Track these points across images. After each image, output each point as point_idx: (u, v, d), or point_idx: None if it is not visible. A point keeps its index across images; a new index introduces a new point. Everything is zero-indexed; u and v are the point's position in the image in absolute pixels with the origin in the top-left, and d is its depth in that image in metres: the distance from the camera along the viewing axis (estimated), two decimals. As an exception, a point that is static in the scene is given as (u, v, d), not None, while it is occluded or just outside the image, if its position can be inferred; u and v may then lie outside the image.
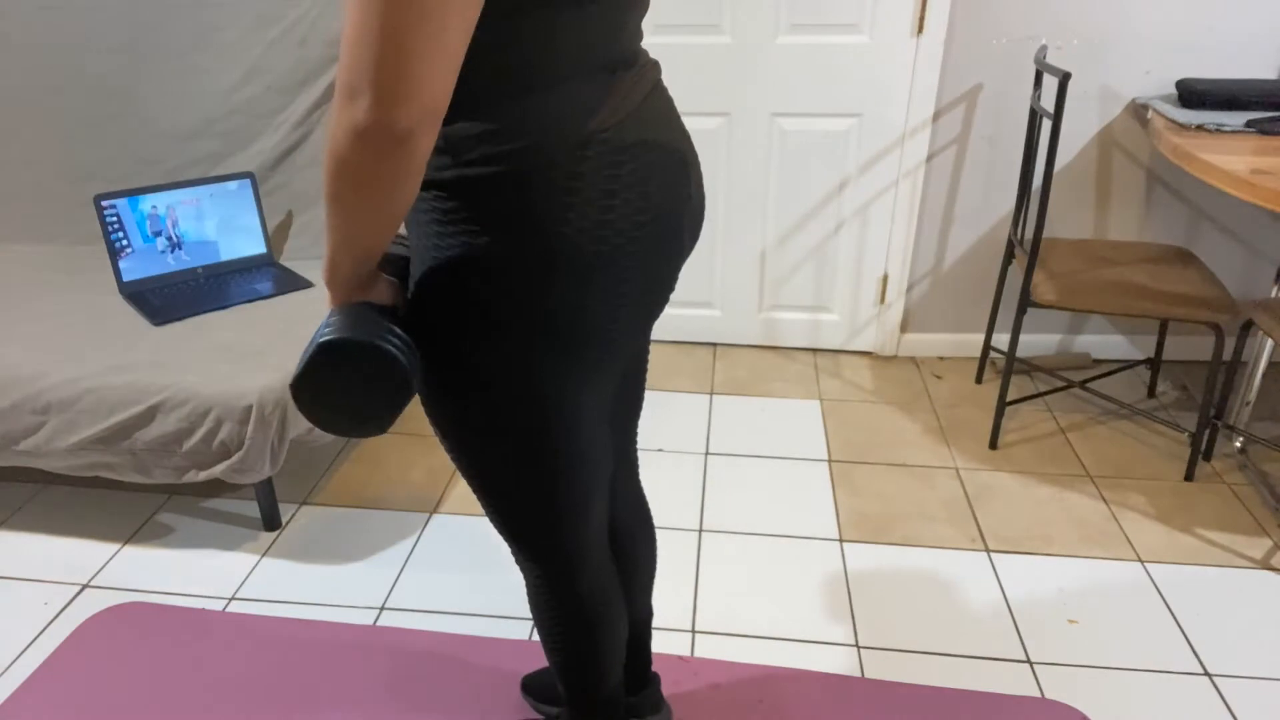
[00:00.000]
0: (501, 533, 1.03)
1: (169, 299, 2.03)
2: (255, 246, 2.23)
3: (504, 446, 0.91)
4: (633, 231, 0.85)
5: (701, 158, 2.46)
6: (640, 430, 2.30)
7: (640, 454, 2.19)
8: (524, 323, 0.83)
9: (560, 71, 0.78)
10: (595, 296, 0.84)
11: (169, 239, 2.12)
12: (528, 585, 1.10)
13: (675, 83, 2.37)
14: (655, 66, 0.94)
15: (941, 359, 2.65)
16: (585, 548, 1.05)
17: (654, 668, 1.56)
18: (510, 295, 0.82)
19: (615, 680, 1.18)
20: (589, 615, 1.10)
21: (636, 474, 1.26)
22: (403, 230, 1.04)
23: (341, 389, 0.80)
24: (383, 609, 1.72)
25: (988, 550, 1.86)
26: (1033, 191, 2.21)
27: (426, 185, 0.81)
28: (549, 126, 0.78)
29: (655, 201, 0.87)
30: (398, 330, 0.81)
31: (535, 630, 1.66)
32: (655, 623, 1.67)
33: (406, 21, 0.63)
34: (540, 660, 1.59)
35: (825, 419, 2.34)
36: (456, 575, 1.80)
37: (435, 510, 2.00)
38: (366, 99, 0.64)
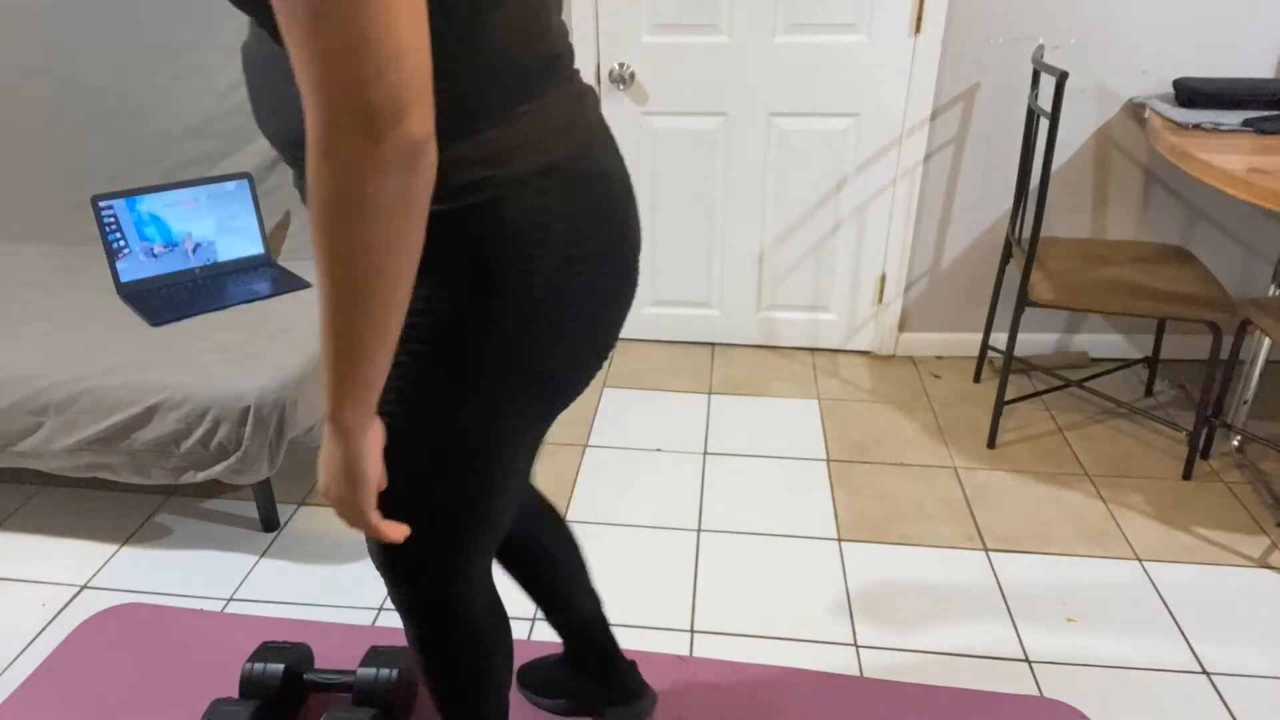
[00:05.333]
0: (398, 565, 0.95)
1: (167, 299, 2.03)
2: (253, 247, 2.23)
3: (427, 478, 0.86)
4: (592, 272, 0.80)
5: (699, 157, 2.46)
6: (639, 430, 2.30)
7: (639, 454, 2.20)
8: (490, 363, 0.79)
9: (514, 88, 0.72)
10: (554, 335, 0.80)
11: (166, 240, 2.12)
12: (413, 628, 1.02)
13: (673, 83, 2.37)
14: (593, 91, 0.88)
15: (939, 358, 2.65)
16: (476, 581, 1.00)
17: (652, 667, 1.56)
18: (473, 333, 0.77)
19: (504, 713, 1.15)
20: (478, 650, 1.05)
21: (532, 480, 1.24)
22: None
23: None
24: (381, 609, 1.72)
25: (986, 549, 1.86)
26: (1030, 190, 2.21)
27: None
28: (508, 154, 0.73)
29: (616, 241, 0.82)
30: None
31: (534, 627, 1.66)
32: (654, 622, 1.68)
33: (378, 15, 0.54)
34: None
35: (823, 418, 2.34)
36: (455, 575, 1.80)
37: (434, 510, 2.00)
38: (371, 118, 0.55)
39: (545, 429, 0.91)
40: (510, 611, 1.70)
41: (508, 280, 0.76)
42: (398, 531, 0.79)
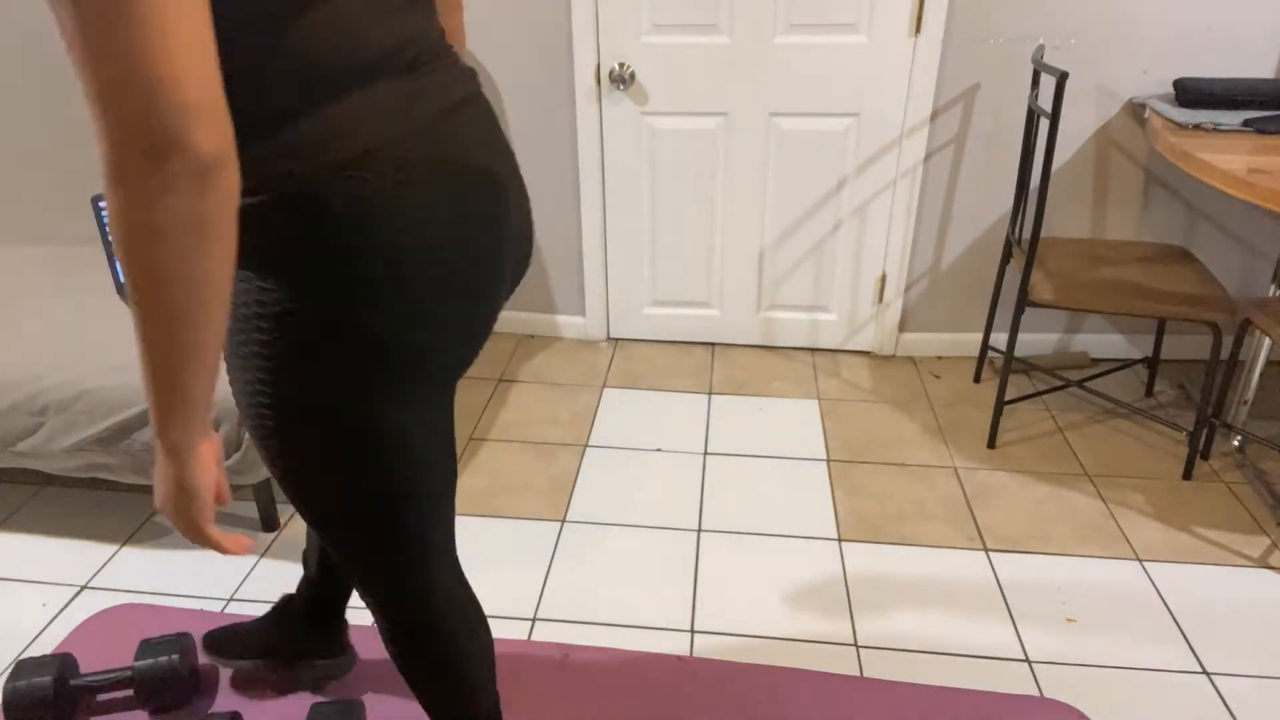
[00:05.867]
0: (351, 566, 0.98)
1: (167, 300, 2.03)
2: (253, 247, 2.23)
3: (336, 480, 0.88)
4: (426, 256, 0.80)
5: (699, 158, 2.46)
6: (639, 430, 2.30)
7: (639, 454, 2.20)
8: (330, 352, 0.79)
9: (322, 85, 0.73)
10: (394, 322, 0.81)
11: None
12: (382, 623, 1.05)
13: (673, 83, 2.37)
14: (468, 78, 0.88)
15: (940, 358, 2.65)
16: (434, 571, 1.01)
17: (652, 668, 1.56)
18: (309, 325, 0.78)
19: (490, 700, 1.16)
20: (449, 637, 1.06)
21: None
22: None
23: None
24: (381, 609, 1.72)
25: (986, 549, 1.86)
26: (1030, 191, 2.21)
27: None
28: (317, 146, 0.73)
29: (457, 225, 0.82)
30: None
31: (534, 629, 1.66)
32: (654, 622, 1.68)
33: (149, 41, 0.54)
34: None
35: (824, 419, 2.34)
36: (455, 575, 1.80)
37: (434, 510, 2.00)
38: (151, 142, 0.56)
39: (436, 407, 0.92)
40: (509, 612, 1.70)
41: (333, 268, 0.76)
42: (237, 545, 0.82)
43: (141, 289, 0.61)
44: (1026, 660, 1.58)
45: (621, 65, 2.36)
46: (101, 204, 2.01)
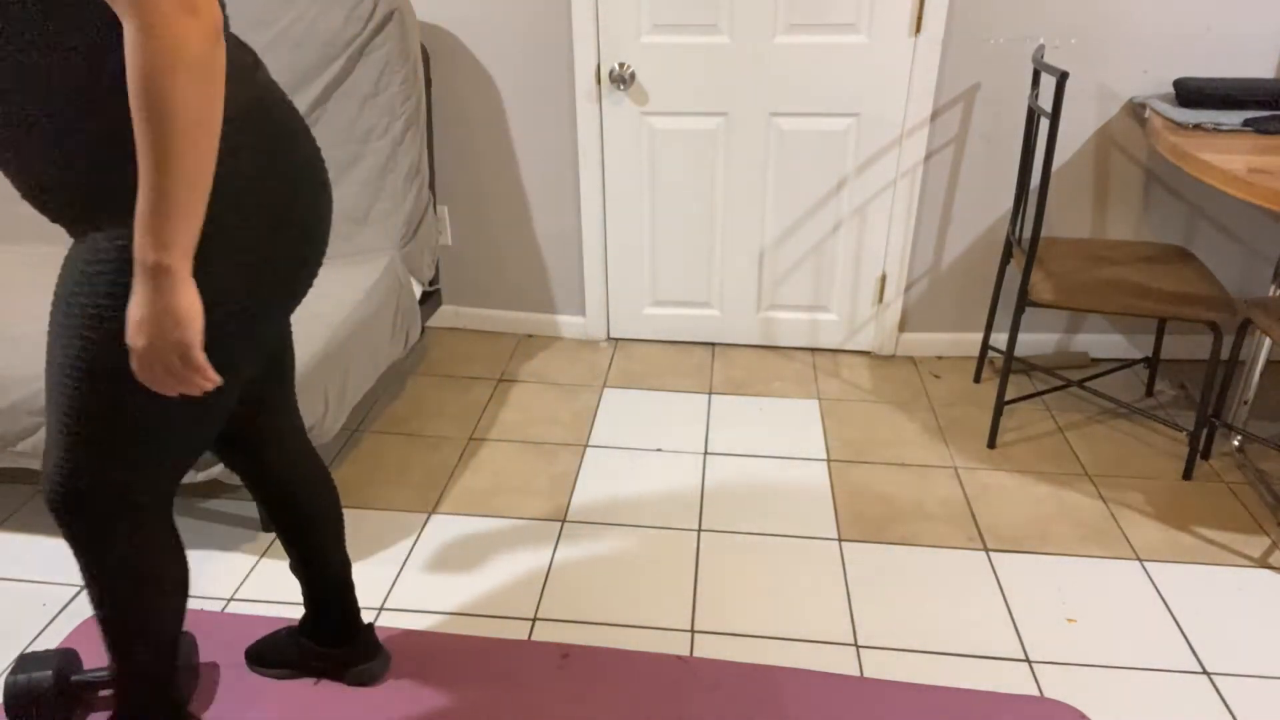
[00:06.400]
0: (68, 493, 1.04)
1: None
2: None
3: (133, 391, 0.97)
4: (254, 185, 0.95)
5: (699, 158, 2.46)
6: (639, 430, 2.30)
7: (639, 454, 2.20)
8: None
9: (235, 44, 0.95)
10: (222, 236, 0.93)
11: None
12: (82, 548, 1.09)
13: (673, 83, 2.37)
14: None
15: (940, 358, 2.65)
16: (155, 519, 1.09)
17: (652, 668, 1.56)
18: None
19: (171, 653, 1.22)
20: (147, 567, 1.12)
21: (304, 434, 1.34)
22: None
23: None
24: (382, 609, 1.72)
25: (986, 549, 1.86)
26: (1031, 190, 2.21)
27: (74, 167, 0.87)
28: (248, 94, 0.94)
29: (312, 156, 1.04)
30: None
31: (534, 629, 1.66)
32: (654, 622, 1.68)
33: None
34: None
35: (824, 419, 2.34)
36: (456, 575, 1.80)
37: (434, 510, 2.00)
38: (191, 5, 0.75)
39: (242, 363, 1.04)
40: (509, 612, 1.71)
41: (249, 193, 0.93)
42: (214, 378, 0.91)
43: (172, 118, 0.77)
44: (1026, 660, 1.58)
45: (621, 65, 2.36)
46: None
